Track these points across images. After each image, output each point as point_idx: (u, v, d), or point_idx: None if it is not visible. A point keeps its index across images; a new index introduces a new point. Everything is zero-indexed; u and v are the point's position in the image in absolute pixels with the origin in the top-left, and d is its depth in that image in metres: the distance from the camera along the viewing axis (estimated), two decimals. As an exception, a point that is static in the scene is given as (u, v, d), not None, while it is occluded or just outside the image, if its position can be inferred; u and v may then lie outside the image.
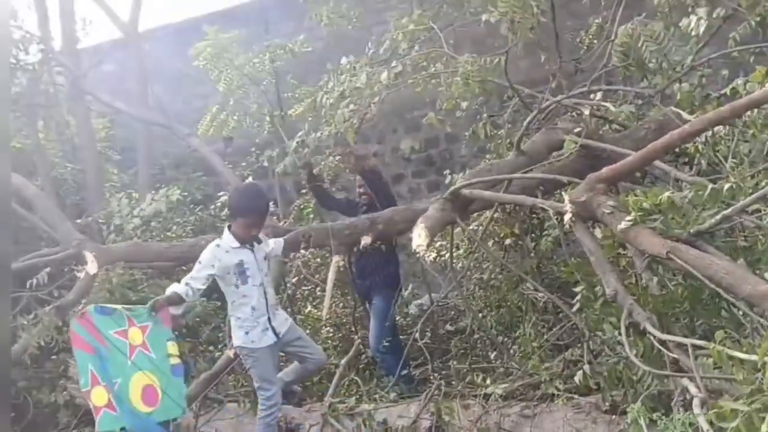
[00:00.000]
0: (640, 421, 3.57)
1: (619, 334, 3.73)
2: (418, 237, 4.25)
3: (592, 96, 5.86)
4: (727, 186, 3.67)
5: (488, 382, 4.83)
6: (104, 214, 7.16)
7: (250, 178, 7.97)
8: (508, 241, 6.23)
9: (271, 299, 4.71)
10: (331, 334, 7.02)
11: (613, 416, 4.09)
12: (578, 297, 4.15)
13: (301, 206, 7.66)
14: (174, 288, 4.58)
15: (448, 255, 5.92)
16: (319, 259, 7.31)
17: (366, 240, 5.55)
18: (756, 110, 4.36)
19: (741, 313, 3.57)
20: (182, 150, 9.46)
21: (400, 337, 6.28)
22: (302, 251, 7.24)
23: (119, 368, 4.41)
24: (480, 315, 6.12)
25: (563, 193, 4.15)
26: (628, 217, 3.67)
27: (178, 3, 16.31)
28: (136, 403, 4.40)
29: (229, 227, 4.66)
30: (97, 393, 4.34)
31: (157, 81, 9.43)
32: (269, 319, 4.65)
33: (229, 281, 4.59)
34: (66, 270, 5.93)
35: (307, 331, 6.75)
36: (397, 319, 6.60)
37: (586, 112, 5.32)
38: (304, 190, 8.10)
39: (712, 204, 3.62)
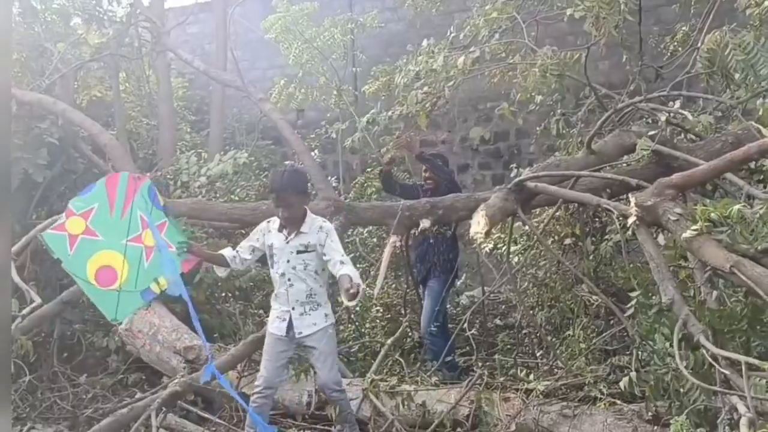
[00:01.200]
0: (683, 435, 3.50)
1: (671, 345, 3.67)
2: (477, 224, 4.24)
3: (670, 103, 5.73)
4: (801, 205, 3.56)
5: (531, 378, 4.79)
6: (172, 171, 7.32)
7: (315, 152, 8.05)
8: (567, 241, 6.17)
9: (297, 294, 4.41)
10: (380, 314, 7.07)
11: (656, 427, 4.02)
12: (633, 302, 4.08)
13: (364, 183, 7.72)
14: (225, 251, 4.63)
15: (504, 248, 5.88)
16: (375, 239, 7.36)
17: (425, 223, 5.56)
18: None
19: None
20: (254, 117, 9.60)
21: (449, 325, 6.29)
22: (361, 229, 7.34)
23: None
24: (531, 312, 6.08)
25: (630, 195, 4.07)
26: (694, 227, 3.60)
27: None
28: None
29: None
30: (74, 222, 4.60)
31: (238, 47, 9.57)
32: (290, 312, 4.42)
33: (268, 259, 4.57)
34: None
35: (357, 308, 6.86)
36: (448, 307, 6.61)
37: (663, 118, 5.21)
38: (369, 169, 8.16)
39: (783, 222, 3.51)
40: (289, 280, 4.39)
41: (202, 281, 6.09)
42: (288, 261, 4.39)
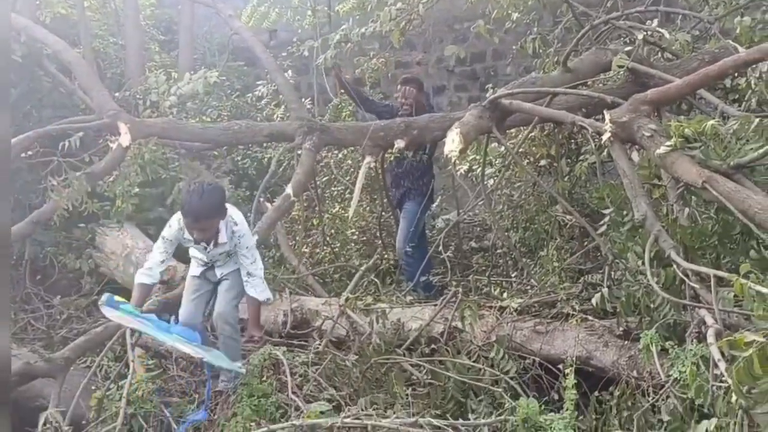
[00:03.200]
0: (652, 348, 3.57)
1: (643, 263, 3.70)
2: (452, 142, 4.20)
3: (648, 22, 5.66)
4: (774, 121, 3.56)
5: (505, 296, 4.83)
6: (141, 90, 7.15)
7: (289, 72, 7.82)
8: (543, 162, 6.17)
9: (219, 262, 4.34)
10: (355, 237, 7.09)
11: (626, 341, 4.08)
12: (606, 220, 4.09)
13: (339, 106, 7.61)
14: (142, 280, 4.22)
15: (480, 170, 5.86)
16: (350, 162, 7.30)
17: (399, 144, 5.50)
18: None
19: (770, 254, 3.52)
20: (225, 36, 9.36)
21: (426, 247, 6.32)
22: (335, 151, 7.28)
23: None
24: (506, 233, 6.11)
25: (605, 112, 4.03)
26: (668, 142, 3.59)
27: None
28: None
29: None
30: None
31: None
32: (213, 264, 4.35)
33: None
34: (100, 140, 5.98)
35: (332, 231, 6.87)
36: (426, 230, 6.64)
37: (640, 36, 5.14)
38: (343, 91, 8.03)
39: (756, 138, 3.51)
40: (211, 259, 4.34)
41: (174, 202, 6.01)
42: (210, 258, 4.31)
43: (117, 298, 4.11)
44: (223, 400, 4.20)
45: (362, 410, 3.78)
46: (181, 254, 4.50)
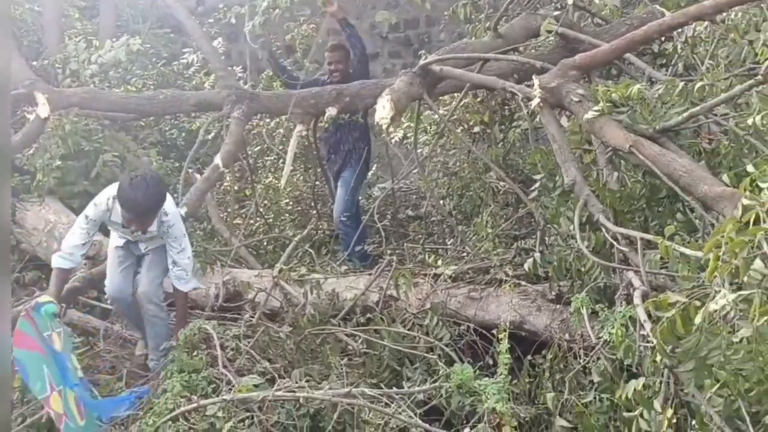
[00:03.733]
0: (582, 311, 3.61)
1: (574, 227, 3.73)
2: (383, 109, 4.14)
3: (579, -14, 5.66)
4: (698, 85, 3.61)
5: (440, 263, 4.83)
6: (60, 58, 6.86)
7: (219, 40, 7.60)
8: (476, 129, 6.16)
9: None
10: (290, 207, 7.00)
11: (558, 305, 4.12)
12: (537, 185, 4.11)
13: (271, 75, 7.44)
14: (59, 263, 4.00)
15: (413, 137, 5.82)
16: (282, 130, 7.18)
17: (331, 111, 5.42)
18: (740, 14, 4.25)
19: (696, 217, 3.58)
20: (149, 3, 9.07)
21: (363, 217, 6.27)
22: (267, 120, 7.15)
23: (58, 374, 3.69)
24: (441, 201, 6.10)
25: (534, 78, 4.02)
26: (596, 107, 3.60)
27: None
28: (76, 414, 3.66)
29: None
30: (56, 399, 3.59)
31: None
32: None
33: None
34: (17, 111, 5.71)
35: (265, 202, 6.75)
36: (360, 198, 6.59)
37: (570, 1, 5.14)
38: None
39: (681, 102, 3.56)
40: (128, 241, 4.24)
41: (99, 175, 5.80)
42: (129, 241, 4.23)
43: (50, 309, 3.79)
44: (153, 377, 4.12)
45: (296, 382, 3.73)
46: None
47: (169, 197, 4.11)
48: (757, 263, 2.38)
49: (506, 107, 6.00)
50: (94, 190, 5.59)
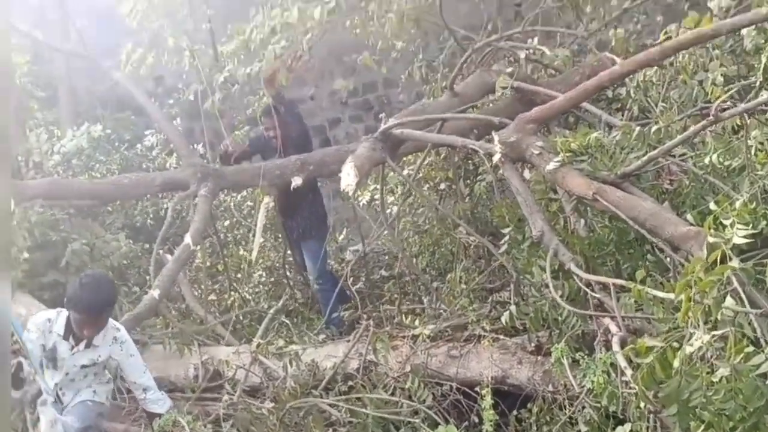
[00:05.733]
0: (563, 361, 3.61)
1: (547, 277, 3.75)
2: (347, 176, 4.17)
3: (529, 40, 5.81)
4: (654, 128, 3.70)
5: (417, 323, 4.81)
6: (23, 151, 6.84)
7: (178, 119, 7.63)
8: (442, 186, 6.21)
9: (69, 397, 3.98)
10: (263, 279, 6.95)
11: (539, 357, 4.12)
12: (506, 239, 4.14)
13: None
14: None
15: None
16: (250, 203, 7.18)
17: (297, 181, 5.45)
18: (687, 56, 4.40)
19: (666, 256, 3.62)
20: (108, 88, 9.09)
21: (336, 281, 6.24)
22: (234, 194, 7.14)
23: None
24: (413, 260, 6.10)
25: (493, 134, 4.09)
26: (556, 158, 3.66)
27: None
28: None
29: None
30: None
31: (83, 16, 8.97)
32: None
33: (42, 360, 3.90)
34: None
35: (239, 276, 6.70)
36: (332, 264, 6.57)
37: (522, 55, 5.28)
38: (236, 132, 7.90)
39: (639, 146, 3.64)
40: (61, 389, 3.98)
41: (69, 264, 5.74)
42: (67, 373, 3.95)
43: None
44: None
45: (282, 459, 3.66)
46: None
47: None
48: (728, 301, 2.41)
49: (470, 161, 6.07)
50: (64, 280, 5.56)
